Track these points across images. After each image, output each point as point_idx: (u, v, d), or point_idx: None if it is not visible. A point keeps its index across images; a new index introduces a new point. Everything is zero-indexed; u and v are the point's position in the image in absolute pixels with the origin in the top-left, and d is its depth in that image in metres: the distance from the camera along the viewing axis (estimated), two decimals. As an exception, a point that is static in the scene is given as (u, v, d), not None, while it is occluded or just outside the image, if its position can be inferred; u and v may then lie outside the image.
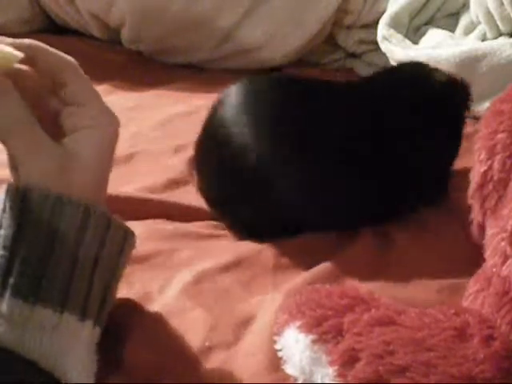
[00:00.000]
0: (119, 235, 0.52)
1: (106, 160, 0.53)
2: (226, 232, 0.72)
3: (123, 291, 0.61)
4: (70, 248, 0.48)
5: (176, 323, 0.58)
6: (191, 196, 0.77)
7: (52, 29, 1.39)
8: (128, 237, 0.53)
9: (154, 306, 0.60)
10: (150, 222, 0.74)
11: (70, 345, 0.47)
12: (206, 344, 0.56)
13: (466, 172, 0.63)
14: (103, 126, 0.53)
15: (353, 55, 1.32)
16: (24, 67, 0.54)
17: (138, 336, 0.56)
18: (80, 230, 0.49)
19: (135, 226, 0.72)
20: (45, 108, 0.53)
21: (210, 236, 0.72)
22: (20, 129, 0.49)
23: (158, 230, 0.73)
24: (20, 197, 0.48)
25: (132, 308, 0.60)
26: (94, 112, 0.52)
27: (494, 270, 0.52)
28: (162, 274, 0.65)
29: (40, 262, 0.47)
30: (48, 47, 0.55)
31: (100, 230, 0.50)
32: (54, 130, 0.52)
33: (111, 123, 0.53)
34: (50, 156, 0.50)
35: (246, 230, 0.71)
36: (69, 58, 0.54)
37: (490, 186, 0.58)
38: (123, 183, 0.79)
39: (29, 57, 0.53)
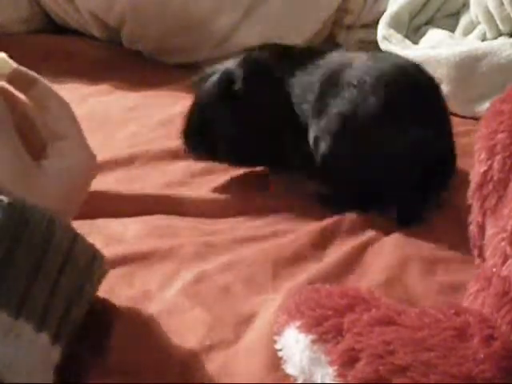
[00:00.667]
0: (86, 255, 0.51)
1: (78, 190, 0.55)
2: (226, 228, 0.72)
3: (123, 290, 0.61)
4: (33, 253, 0.47)
5: (176, 322, 0.58)
6: (191, 194, 0.78)
7: (51, 28, 1.39)
8: (96, 259, 0.52)
9: (153, 305, 0.60)
10: (148, 219, 0.74)
11: (23, 355, 0.45)
12: (207, 343, 0.56)
13: (465, 172, 0.63)
14: (80, 160, 0.55)
15: (353, 55, 1.32)
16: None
17: (137, 336, 0.56)
18: (45, 238, 0.48)
19: (134, 222, 0.73)
20: (28, 128, 0.55)
21: (211, 233, 0.72)
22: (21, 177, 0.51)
23: (157, 226, 0.73)
24: None
25: (131, 307, 0.60)
26: (73, 145, 0.55)
27: (494, 269, 0.52)
28: (162, 272, 0.65)
29: (0, 263, 0.46)
30: (36, 76, 0.58)
31: (65, 243, 0.49)
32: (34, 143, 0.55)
33: (89, 158, 0.55)
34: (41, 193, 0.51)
35: None
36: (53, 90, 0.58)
37: (490, 186, 0.58)
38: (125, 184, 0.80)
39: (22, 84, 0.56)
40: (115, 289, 0.61)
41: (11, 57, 0.57)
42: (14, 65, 0.54)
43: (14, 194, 0.48)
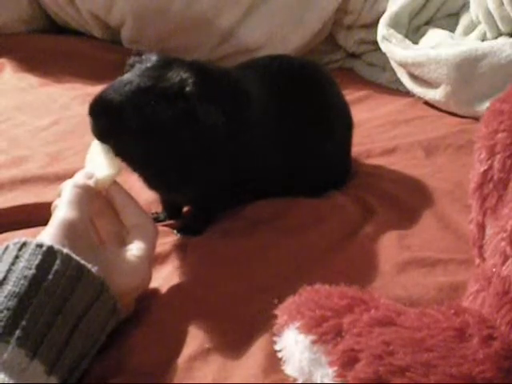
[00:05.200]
0: (107, 307, 0.53)
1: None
2: (230, 227, 0.72)
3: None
4: (57, 296, 0.49)
5: (175, 324, 0.58)
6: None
7: (52, 29, 1.39)
8: (115, 312, 0.54)
9: (152, 306, 0.60)
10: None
11: None
12: (206, 346, 0.56)
13: (466, 172, 0.63)
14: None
15: (353, 55, 1.32)
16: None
17: (137, 337, 0.56)
18: (69, 285, 0.50)
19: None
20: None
21: (211, 232, 0.72)
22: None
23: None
24: (43, 256, 0.51)
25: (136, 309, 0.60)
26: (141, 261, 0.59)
27: (494, 270, 0.52)
28: (161, 272, 0.65)
29: (22, 303, 0.48)
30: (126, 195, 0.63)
31: (90, 293, 0.52)
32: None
33: (146, 274, 0.60)
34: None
35: None
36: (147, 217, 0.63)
37: (490, 186, 0.58)
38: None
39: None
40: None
41: (12, 57, 0.57)
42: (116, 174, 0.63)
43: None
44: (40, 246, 0.51)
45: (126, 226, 0.61)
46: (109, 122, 0.64)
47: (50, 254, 0.51)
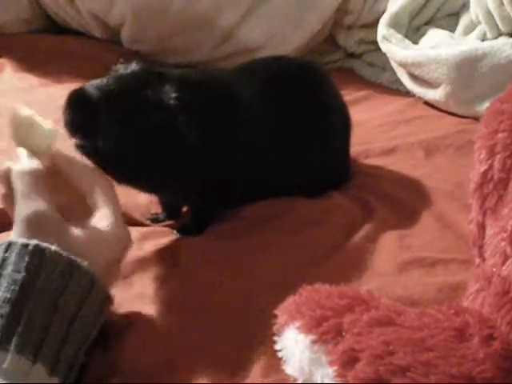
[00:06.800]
0: (100, 297, 0.53)
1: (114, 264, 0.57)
2: (230, 227, 0.72)
3: (122, 291, 0.61)
4: (50, 296, 0.49)
5: (174, 324, 0.58)
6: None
7: (52, 29, 1.39)
8: (107, 301, 0.54)
9: (152, 307, 0.60)
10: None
11: None
12: (206, 345, 0.56)
13: (465, 172, 0.63)
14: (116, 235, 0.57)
15: (353, 55, 1.32)
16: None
17: (136, 337, 0.56)
18: (61, 282, 0.50)
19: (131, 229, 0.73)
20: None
21: (211, 232, 0.72)
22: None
23: (155, 231, 0.73)
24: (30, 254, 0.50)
25: (131, 309, 0.60)
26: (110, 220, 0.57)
27: (494, 269, 0.52)
28: (161, 272, 0.65)
29: (15, 308, 0.48)
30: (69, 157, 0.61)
31: (82, 287, 0.51)
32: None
33: (122, 238, 0.57)
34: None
35: None
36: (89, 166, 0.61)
37: (491, 186, 0.58)
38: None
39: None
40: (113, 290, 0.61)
41: (12, 57, 0.57)
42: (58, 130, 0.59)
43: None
44: (26, 245, 0.50)
45: (83, 190, 0.59)
46: (85, 115, 0.63)
47: (36, 253, 0.50)
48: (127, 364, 0.54)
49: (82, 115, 0.63)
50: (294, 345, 0.49)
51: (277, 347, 0.51)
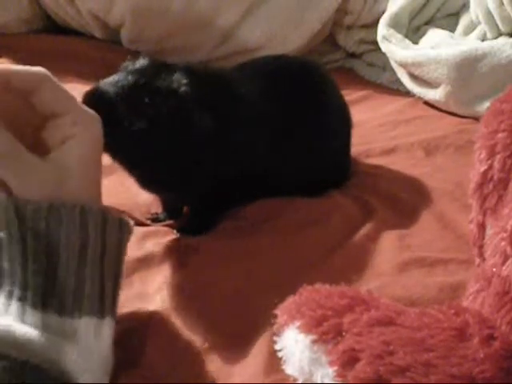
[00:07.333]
0: (116, 227, 0.53)
1: (95, 162, 0.53)
2: (230, 227, 0.72)
3: (122, 291, 0.61)
4: (75, 251, 0.49)
5: (175, 324, 0.58)
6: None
7: (52, 29, 1.39)
8: (123, 225, 0.54)
9: (152, 306, 0.60)
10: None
11: (93, 347, 0.48)
12: (205, 345, 0.56)
13: (466, 172, 0.63)
14: (86, 129, 0.53)
15: (353, 55, 1.32)
16: None
17: (135, 337, 0.56)
18: (81, 232, 0.50)
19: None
20: (25, 128, 0.53)
21: (211, 232, 0.72)
22: (8, 158, 0.49)
23: (155, 230, 0.73)
24: (14, 212, 0.48)
25: (131, 309, 0.60)
26: (74, 118, 0.52)
27: (494, 269, 0.52)
28: (161, 273, 0.65)
29: (49, 272, 0.48)
30: (12, 66, 0.53)
31: (99, 228, 0.51)
32: (38, 145, 0.52)
33: (93, 123, 0.53)
34: (42, 178, 0.50)
35: None
36: (37, 68, 0.52)
37: (491, 186, 0.58)
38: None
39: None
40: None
41: (12, 57, 0.57)
42: None
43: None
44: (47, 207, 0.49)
45: (46, 112, 0.52)
46: (102, 112, 0.63)
47: (53, 210, 0.49)
48: (125, 364, 0.54)
49: (100, 114, 0.63)
50: (294, 345, 0.49)
51: (277, 347, 0.51)
